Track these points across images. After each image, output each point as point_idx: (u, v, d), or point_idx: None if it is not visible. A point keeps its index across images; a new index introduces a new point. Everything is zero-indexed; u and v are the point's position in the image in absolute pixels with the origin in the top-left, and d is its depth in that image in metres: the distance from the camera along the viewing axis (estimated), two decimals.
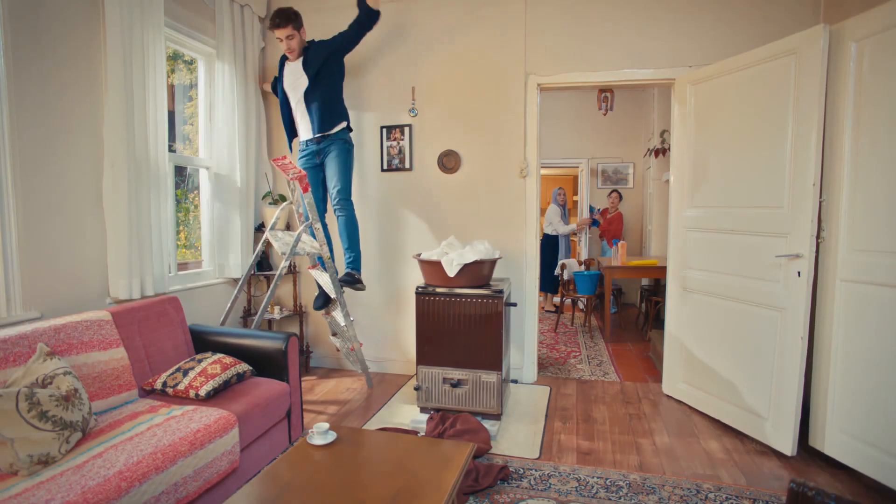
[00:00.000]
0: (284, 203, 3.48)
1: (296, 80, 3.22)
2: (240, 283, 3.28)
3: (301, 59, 3.21)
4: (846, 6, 2.77)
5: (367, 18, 3.22)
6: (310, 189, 3.10)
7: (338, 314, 3.48)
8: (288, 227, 3.80)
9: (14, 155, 2.19)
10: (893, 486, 2.13)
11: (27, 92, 2.25)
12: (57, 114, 2.38)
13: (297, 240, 3.06)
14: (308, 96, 3.18)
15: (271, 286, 3.07)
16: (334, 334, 3.82)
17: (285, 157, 3.01)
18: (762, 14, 3.10)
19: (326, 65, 3.18)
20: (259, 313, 3.08)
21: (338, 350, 3.91)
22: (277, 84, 3.36)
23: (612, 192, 6.57)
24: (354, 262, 3.34)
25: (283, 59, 3.29)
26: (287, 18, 3.05)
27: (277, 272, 3.12)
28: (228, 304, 3.22)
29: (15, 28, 2.19)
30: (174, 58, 3.45)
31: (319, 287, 3.60)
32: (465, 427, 2.72)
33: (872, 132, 2.22)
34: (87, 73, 2.52)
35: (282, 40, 3.12)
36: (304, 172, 2.98)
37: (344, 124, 3.28)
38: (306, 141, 3.30)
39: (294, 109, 3.29)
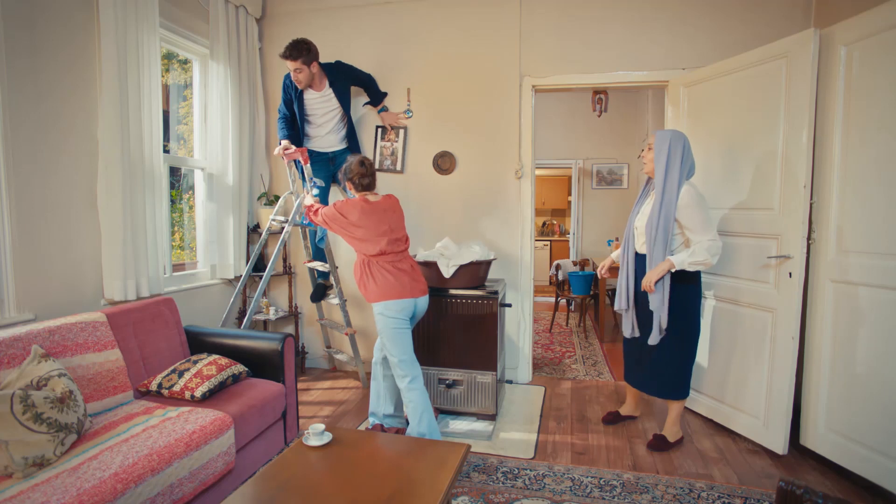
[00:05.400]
0: (286, 193, 3.50)
1: (326, 105, 3.36)
2: (241, 281, 3.29)
3: (328, 86, 3.30)
4: (836, 11, 2.81)
5: (372, 92, 3.61)
6: (309, 162, 3.23)
7: (332, 299, 3.52)
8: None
9: (8, 156, 2.18)
10: (882, 484, 2.16)
11: (21, 92, 2.24)
12: (51, 114, 2.38)
13: (300, 204, 3.17)
14: (336, 118, 3.42)
15: (268, 268, 3.13)
16: (328, 346, 3.84)
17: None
18: (755, 18, 3.13)
19: (349, 90, 3.44)
20: (249, 312, 3.07)
21: (334, 369, 3.92)
22: (292, 103, 3.30)
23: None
24: None
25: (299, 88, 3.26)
26: (298, 52, 3.04)
27: (281, 236, 3.21)
28: (228, 306, 3.22)
29: (8, 29, 2.18)
30: (168, 57, 3.44)
31: (313, 280, 3.66)
32: None
33: (862, 135, 2.25)
34: (82, 74, 2.51)
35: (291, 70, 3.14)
36: (304, 147, 3.17)
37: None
38: (320, 150, 3.48)
39: (314, 125, 3.41)
